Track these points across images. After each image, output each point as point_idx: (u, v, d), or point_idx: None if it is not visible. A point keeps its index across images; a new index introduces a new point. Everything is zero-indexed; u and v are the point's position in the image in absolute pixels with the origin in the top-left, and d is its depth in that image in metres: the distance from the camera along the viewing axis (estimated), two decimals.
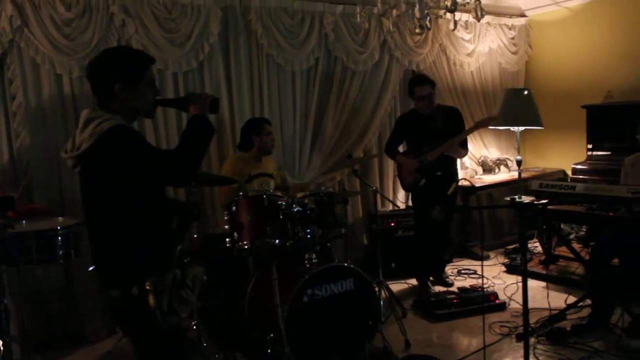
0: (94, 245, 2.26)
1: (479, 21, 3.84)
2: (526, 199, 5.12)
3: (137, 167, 2.11)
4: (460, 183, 4.50)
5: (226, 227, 3.44)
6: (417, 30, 3.56)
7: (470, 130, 4.92)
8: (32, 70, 4.10)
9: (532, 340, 3.80)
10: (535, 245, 6.01)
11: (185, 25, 4.56)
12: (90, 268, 3.95)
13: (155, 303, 2.08)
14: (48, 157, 4.18)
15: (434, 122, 4.83)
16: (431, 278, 5.14)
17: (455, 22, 3.96)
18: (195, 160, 2.23)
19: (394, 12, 3.68)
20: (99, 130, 2.09)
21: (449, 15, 3.57)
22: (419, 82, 4.81)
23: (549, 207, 4.05)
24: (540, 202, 3.90)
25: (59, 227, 3.40)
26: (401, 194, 6.03)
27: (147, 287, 2.07)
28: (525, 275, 2.79)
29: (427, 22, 3.61)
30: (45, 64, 4.07)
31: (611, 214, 3.69)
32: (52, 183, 4.19)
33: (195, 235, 3.73)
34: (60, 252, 3.38)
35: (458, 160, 5.42)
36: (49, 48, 4.04)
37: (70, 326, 4.26)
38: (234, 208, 3.36)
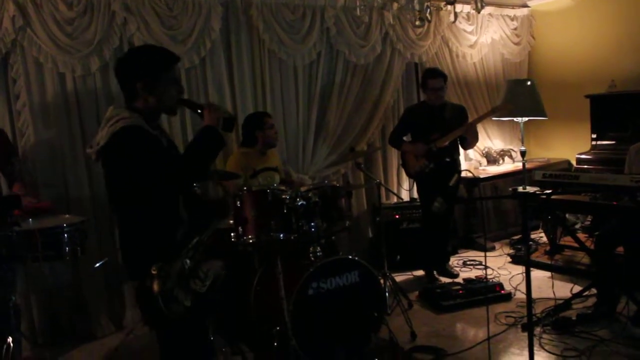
0: (120, 236, 2.41)
1: (479, 13, 3.83)
2: (530, 189, 5.13)
3: (141, 170, 2.19)
4: (463, 174, 4.52)
5: (231, 221, 3.46)
6: (417, 23, 3.56)
7: (487, 115, 5.07)
8: (36, 70, 4.12)
9: (537, 329, 3.81)
10: (540, 236, 6.00)
11: (186, 22, 4.57)
12: (97, 265, 4.01)
13: (158, 289, 2.12)
14: (53, 156, 4.21)
15: (443, 113, 4.94)
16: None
17: (456, 14, 3.98)
18: (199, 171, 2.34)
19: (395, 5, 3.68)
20: (112, 129, 2.19)
21: (449, 7, 3.56)
22: (432, 75, 4.94)
23: (553, 197, 4.05)
24: (544, 192, 3.91)
25: (65, 225, 3.42)
26: (405, 185, 6.03)
27: (153, 272, 2.12)
28: (529, 265, 2.80)
29: (428, 15, 3.61)
30: (48, 63, 4.09)
31: (615, 203, 3.69)
32: (57, 181, 4.22)
33: None
34: (67, 249, 3.39)
35: (462, 152, 5.44)
36: (51, 47, 4.06)
37: (77, 322, 4.30)
38: (238, 203, 3.38)
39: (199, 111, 2.40)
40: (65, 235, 3.38)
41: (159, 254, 2.20)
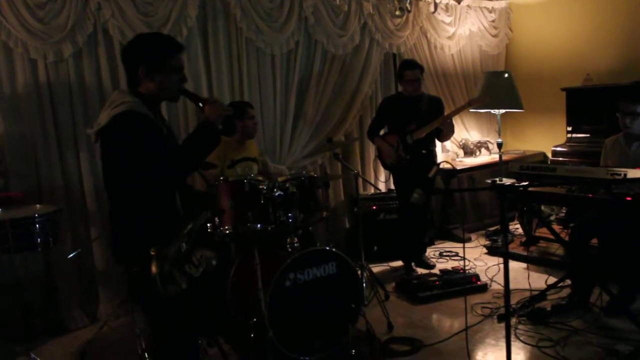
0: (111, 219, 2.43)
1: (459, 4, 3.82)
2: (507, 181, 5.16)
3: (137, 155, 2.23)
4: (441, 166, 4.53)
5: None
6: (397, 13, 3.55)
7: (463, 108, 5.06)
8: (5, 55, 3.99)
9: (513, 320, 3.84)
10: (516, 227, 6.05)
11: (162, 9, 4.47)
12: (70, 256, 3.93)
13: (156, 270, 2.15)
14: (24, 145, 4.09)
15: (419, 104, 4.93)
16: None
17: (436, 5, 3.97)
18: (191, 165, 2.49)
19: None
20: (111, 113, 2.24)
21: None
22: (409, 66, 4.92)
23: (529, 189, 4.08)
24: (521, 184, 3.93)
25: (36, 215, 3.35)
26: (382, 177, 6.03)
27: (152, 253, 2.15)
28: (507, 256, 2.80)
29: (407, 5, 3.59)
30: (18, 48, 3.96)
31: (590, 195, 3.72)
32: (29, 171, 4.11)
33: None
34: (39, 240, 3.33)
35: (439, 143, 5.45)
36: (21, 32, 3.93)
37: (50, 315, 4.20)
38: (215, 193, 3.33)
39: (201, 105, 2.43)
40: (37, 225, 3.32)
41: (153, 238, 2.21)
